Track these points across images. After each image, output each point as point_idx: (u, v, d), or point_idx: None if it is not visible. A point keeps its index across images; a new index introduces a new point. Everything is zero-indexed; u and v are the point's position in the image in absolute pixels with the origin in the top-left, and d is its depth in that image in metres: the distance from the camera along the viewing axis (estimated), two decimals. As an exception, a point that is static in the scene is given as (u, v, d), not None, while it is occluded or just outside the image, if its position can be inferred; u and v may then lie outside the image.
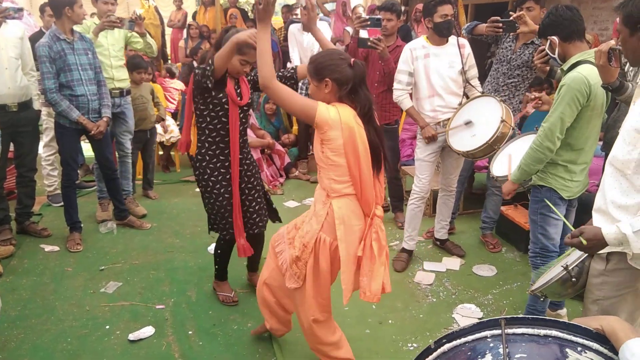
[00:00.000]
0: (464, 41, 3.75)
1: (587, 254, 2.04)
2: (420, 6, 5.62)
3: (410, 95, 3.81)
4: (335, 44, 6.05)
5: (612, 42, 2.26)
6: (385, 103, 4.28)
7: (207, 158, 3.05)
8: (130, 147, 4.83)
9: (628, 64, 3.21)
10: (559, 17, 2.59)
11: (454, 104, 3.68)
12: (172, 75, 6.62)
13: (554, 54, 2.68)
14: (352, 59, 2.33)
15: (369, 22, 3.76)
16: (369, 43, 3.80)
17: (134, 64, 5.01)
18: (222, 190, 3.08)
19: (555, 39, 2.63)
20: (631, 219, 1.77)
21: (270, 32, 2.32)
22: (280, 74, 2.95)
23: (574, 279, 2.04)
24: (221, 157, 3.06)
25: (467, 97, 3.72)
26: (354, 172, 2.32)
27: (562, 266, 2.05)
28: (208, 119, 2.99)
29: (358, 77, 2.31)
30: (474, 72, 3.75)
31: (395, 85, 3.78)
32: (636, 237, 1.71)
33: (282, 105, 2.39)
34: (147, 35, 4.86)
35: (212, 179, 3.07)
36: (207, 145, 3.05)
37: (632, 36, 1.91)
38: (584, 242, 1.84)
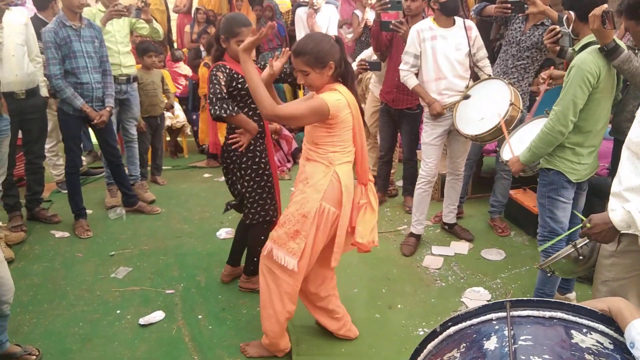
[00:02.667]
0: (471, 23, 3.71)
1: None
2: None
3: (416, 77, 3.76)
4: (341, 27, 6.05)
5: (605, 6, 2.25)
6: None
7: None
8: (136, 133, 4.83)
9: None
10: None
11: (460, 87, 3.64)
12: (175, 60, 6.65)
13: (569, 29, 2.65)
14: (334, 35, 2.49)
15: (389, 5, 3.76)
16: (391, 26, 3.82)
17: (143, 48, 5.00)
18: (260, 172, 3.06)
19: (572, 14, 2.59)
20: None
21: (252, 62, 2.36)
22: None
23: (581, 257, 2.07)
24: (252, 141, 3.02)
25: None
26: (358, 141, 2.50)
27: (571, 244, 2.07)
28: (237, 108, 2.98)
29: (344, 51, 2.45)
30: (482, 52, 3.71)
31: (401, 66, 3.76)
32: None
33: (296, 123, 2.46)
34: (154, 20, 4.85)
35: (260, 160, 3.04)
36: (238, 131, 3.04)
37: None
38: (588, 225, 1.88)
